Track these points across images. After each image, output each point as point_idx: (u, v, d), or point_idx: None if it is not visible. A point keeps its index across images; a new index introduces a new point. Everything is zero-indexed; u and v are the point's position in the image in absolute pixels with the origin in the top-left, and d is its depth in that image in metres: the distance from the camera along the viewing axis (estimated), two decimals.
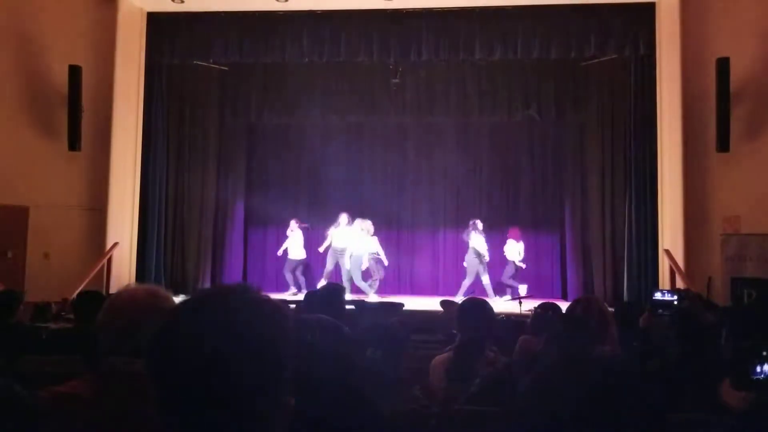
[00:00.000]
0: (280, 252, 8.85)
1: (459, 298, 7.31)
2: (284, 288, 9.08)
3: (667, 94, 7.93)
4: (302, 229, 8.88)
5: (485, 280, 8.47)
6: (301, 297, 8.20)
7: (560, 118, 9.15)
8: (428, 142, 9.88)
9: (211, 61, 8.94)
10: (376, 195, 9.91)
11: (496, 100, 9.05)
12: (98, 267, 7.96)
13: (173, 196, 9.09)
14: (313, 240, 9.19)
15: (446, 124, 9.63)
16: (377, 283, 8.86)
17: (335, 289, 3.35)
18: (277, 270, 9.31)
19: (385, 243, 9.88)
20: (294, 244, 8.98)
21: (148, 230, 8.67)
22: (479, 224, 8.63)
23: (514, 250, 8.79)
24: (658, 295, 6.23)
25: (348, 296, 7.13)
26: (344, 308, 3.23)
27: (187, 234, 9.14)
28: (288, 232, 9.02)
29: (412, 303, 8.05)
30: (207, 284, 8.95)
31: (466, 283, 8.48)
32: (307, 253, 9.08)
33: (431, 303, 7.78)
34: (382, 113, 9.30)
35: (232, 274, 9.30)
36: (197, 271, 9.07)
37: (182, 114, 9.18)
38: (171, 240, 9.03)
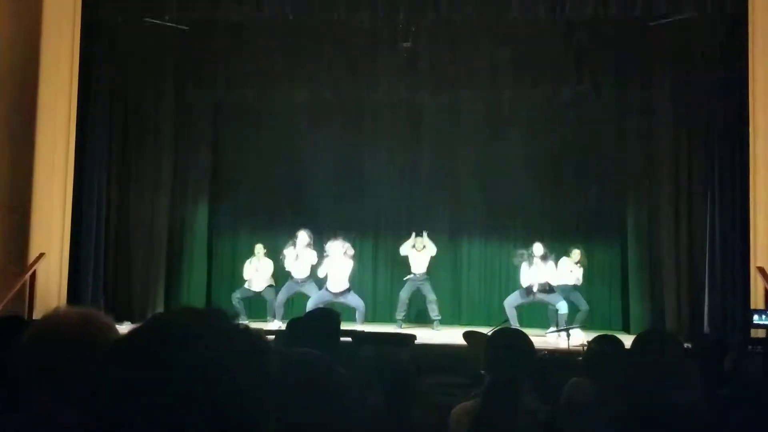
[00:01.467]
0: (322, 273, 8.79)
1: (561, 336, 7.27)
2: (261, 314, 9.12)
3: (762, 66, 7.88)
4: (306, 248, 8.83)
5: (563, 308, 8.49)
6: (276, 325, 8.44)
7: (621, 96, 9.15)
8: (448, 127, 9.89)
9: (167, 18, 8.95)
10: (380, 195, 9.94)
11: (536, 73, 9.05)
12: (19, 284, 7.96)
13: (117, 196, 9.13)
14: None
15: (471, 102, 9.64)
16: (403, 312, 8.97)
17: (326, 316, 3.35)
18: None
19: (392, 258, 9.86)
20: (260, 271, 9.05)
21: (83, 238, 8.68)
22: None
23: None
24: (756, 318, 6.17)
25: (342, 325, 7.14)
26: (338, 341, 3.23)
27: (134, 244, 9.18)
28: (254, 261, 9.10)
29: (427, 334, 8.07)
30: (160, 309, 8.98)
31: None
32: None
33: (452, 335, 7.78)
34: (388, 88, 9.31)
35: (193, 297, 9.33)
36: (147, 293, 9.12)
37: (129, 89, 9.20)
38: (113, 252, 9.07)
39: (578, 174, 9.76)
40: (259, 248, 9.15)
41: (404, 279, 9.06)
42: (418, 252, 9.04)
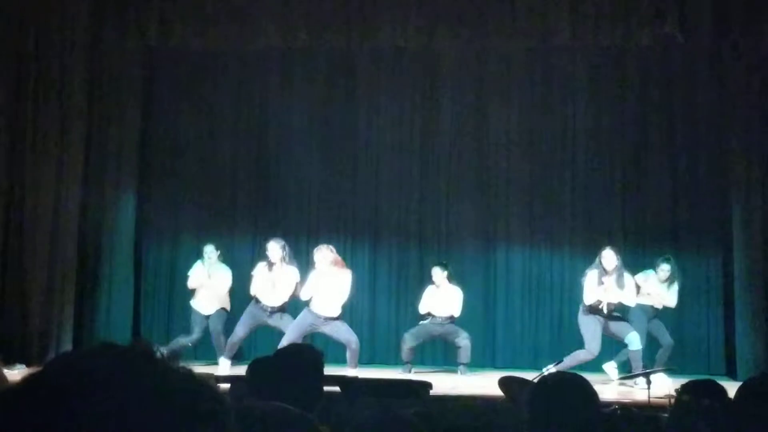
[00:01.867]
0: (305, 295, 8.65)
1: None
2: (209, 353, 9.13)
3: None
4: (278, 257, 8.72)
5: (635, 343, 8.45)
6: (225, 368, 8.36)
7: (722, 37, 9.07)
8: (476, 86, 9.90)
9: None
10: (380, 181, 9.95)
11: (601, 8, 8.98)
12: None
13: (5, 181, 9.11)
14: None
15: (510, 51, 9.64)
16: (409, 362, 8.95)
17: (304, 356, 3.37)
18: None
19: (396, 273, 9.85)
20: (208, 286, 9.03)
21: None
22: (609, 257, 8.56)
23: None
24: None
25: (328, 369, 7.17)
26: (321, 392, 3.23)
27: (28, 254, 9.18)
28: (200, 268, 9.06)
29: (448, 382, 8.07)
30: (67, 345, 8.91)
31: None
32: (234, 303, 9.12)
33: (483, 382, 7.78)
34: (392, 30, 9.23)
35: (114, 328, 9.29)
36: (49, 323, 9.08)
37: (24, 31, 9.16)
38: None
39: (664, 153, 9.77)
40: (210, 251, 9.04)
41: (419, 321, 9.03)
42: (438, 287, 9.02)
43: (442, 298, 9.03)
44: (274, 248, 8.74)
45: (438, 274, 9.03)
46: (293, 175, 9.86)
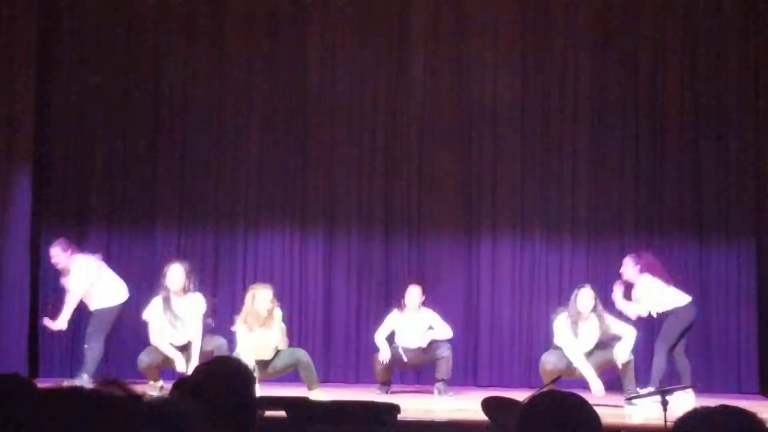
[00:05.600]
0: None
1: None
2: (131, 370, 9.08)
3: None
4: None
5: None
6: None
7: None
8: (455, 32, 9.90)
9: None
10: (337, 158, 9.95)
11: None
12: None
13: None
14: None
15: None
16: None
17: (229, 373, 3.34)
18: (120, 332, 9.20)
19: (357, 272, 9.86)
20: (99, 285, 8.96)
21: None
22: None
23: (648, 294, 8.88)
24: None
25: (263, 390, 7.14)
26: (253, 417, 3.22)
27: None
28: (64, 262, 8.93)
29: (420, 403, 8.16)
30: None
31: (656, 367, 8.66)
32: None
33: (462, 403, 7.91)
34: None
35: (5, 348, 9.27)
36: None
37: None
38: None
39: (687, 121, 9.81)
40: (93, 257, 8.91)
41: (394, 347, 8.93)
42: (404, 314, 8.96)
43: (415, 327, 8.97)
44: (178, 271, 8.56)
45: (414, 295, 8.95)
46: (225, 146, 9.86)
